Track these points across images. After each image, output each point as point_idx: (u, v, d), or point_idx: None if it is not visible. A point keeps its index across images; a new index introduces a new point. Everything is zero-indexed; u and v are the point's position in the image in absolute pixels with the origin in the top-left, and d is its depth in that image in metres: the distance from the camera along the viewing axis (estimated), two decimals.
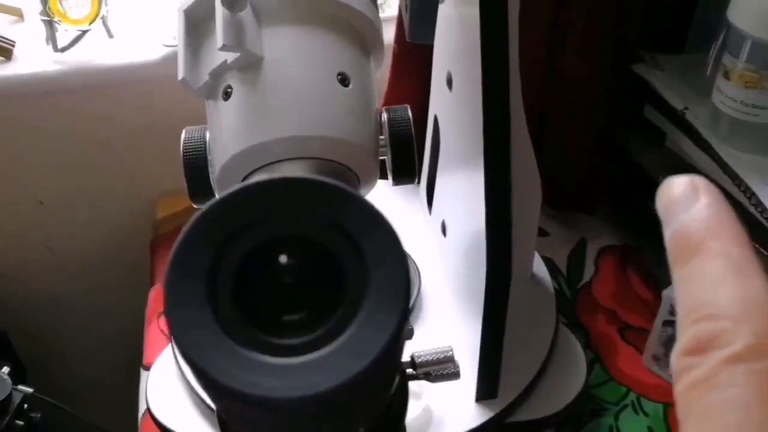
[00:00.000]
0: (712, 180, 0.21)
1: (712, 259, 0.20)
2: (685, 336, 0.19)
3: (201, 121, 0.41)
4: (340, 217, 0.22)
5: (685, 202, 0.21)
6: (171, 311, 0.21)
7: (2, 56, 0.69)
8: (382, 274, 0.21)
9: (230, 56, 0.37)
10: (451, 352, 0.27)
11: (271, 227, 0.22)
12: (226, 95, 0.37)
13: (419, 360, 0.27)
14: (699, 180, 0.21)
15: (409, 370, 0.27)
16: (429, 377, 0.27)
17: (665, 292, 0.57)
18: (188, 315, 0.21)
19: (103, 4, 0.69)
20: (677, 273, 0.20)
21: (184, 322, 0.21)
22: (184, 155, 0.39)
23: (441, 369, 0.26)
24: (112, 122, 0.74)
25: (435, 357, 0.27)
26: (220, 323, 0.21)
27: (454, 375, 0.27)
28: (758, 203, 0.55)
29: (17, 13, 0.73)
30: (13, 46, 0.69)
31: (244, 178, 0.37)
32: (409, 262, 0.23)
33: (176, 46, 0.71)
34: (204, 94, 0.39)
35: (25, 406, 0.70)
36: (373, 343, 0.21)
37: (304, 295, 0.22)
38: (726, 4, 0.57)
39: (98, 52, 0.70)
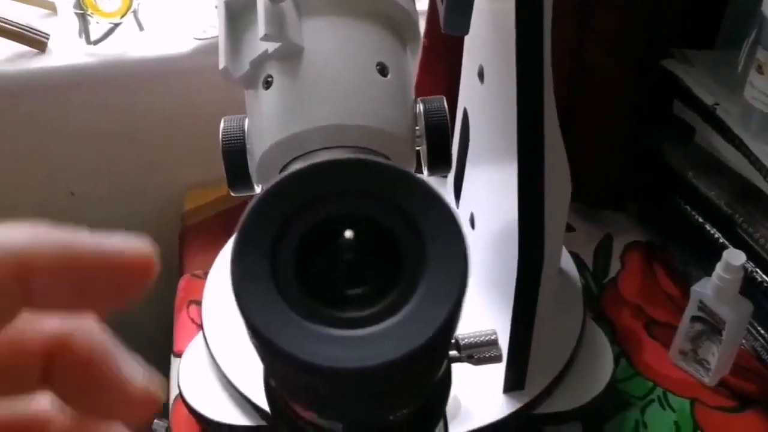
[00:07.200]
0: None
1: None
2: None
3: (231, 113, 0.41)
4: (398, 197, 0.23)
5: None
6: (236, 284, 0.22)
7: (37, 49, 0.70)
8: (440, 251, 0.22)
9: (271, 46, 0.37)
10: (494, 336, 0.27)
11: (332, 206, 0.23)
12: (267, 84, 0.38)
13: (463, 342, 0.27)
14: None
15: (453, 353, 0.27)
16: (472, 360, 0.27)
17: (694, 288, 0.57)
18: (253, 287, 0.21)
19: None
20: None
21: (248, 294, 0.21)
22: (223, 144, 0.39)
23: (484, 352, 0.27)
24: (143, 114, 0.75)
25: (479, 340, 0.27)
26: (284, 296, 0.21)
27: (497, 358, 0.27)
28: None
29: (51, 7, 0.74)
30: (48, 38, 0.70)
31: (284, 167, 0.37)
32: None
33: (206, 39, 0.72)
34: (244, 83, 0.39)
35: None
36: (433, 316, 0.21)
37: (364, 271, 0.23)
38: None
39: (129, 45, 0.71)
